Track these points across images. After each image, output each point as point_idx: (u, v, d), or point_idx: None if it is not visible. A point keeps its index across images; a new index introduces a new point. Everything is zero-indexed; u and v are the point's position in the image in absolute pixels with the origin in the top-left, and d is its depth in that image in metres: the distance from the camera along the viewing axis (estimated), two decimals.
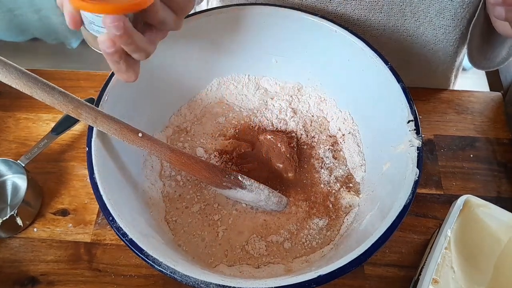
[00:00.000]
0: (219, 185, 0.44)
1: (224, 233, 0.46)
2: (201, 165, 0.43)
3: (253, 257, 0.44)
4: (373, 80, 0.46)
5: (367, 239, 0.34)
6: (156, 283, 0.47)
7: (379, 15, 0.53)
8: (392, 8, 0.52)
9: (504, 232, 0.40)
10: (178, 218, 0.47)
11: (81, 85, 0.64)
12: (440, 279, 0.38)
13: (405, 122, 0.41)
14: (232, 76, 0.56)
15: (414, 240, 0.50)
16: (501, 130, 0.60)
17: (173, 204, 0.48)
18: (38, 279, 0.48)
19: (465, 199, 0.42)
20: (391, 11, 0.52)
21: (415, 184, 0.37)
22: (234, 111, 0.55)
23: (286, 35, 0.51)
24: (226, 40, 0.52)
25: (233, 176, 0.44)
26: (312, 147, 0.52)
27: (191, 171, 0.43)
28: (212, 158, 0.51)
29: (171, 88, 0.52)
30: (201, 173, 0.43)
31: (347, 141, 0.51)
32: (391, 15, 0.53)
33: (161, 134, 0.52)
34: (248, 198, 0.45)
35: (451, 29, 0.54)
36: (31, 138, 0.59)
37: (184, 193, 0.49)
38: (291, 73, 0.55)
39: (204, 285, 0.32)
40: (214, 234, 0.46)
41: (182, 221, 0.47)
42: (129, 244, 0.34)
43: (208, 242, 0.45)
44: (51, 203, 0.53)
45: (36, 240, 0.50)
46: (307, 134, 0.53)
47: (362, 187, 0.48)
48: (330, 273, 0.32)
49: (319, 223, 0.46)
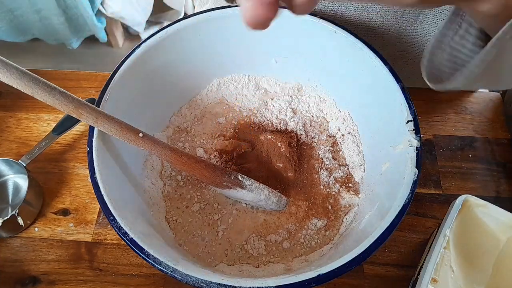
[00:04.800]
0: (219, 185, 0.44)
1: (224, 233, 0.46)
2: (201, 165, 0.43)
3: (252, 256, 0.45)
4: (373, 80, 0.46)
5: (366, 239, 0.34)
6: (157, 282, 0.48)
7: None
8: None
9: (503, 232, 0.40)
10: (179, 218, 0.47)
11: (81, 86, 0.64)
12: (439, 279, 0.38)
13: (404, 122, 0.41)
14: (232, 76, 0.56)
15: (413, 239, 0.50)
16: (500, 130, 0.60)
17: (174, 204, 0.48)
18: (39, 278, 0.48)
19: (464, 199, 0.42)
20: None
21: (414, 184, 0.37)
22: (234, 111, 0.55)
23: (286, 35, 0.51)
24: (226, 41, 0.52)
25: (233, 176, 0.44)
26: (312, 147, 0.52)
27: (191, 171, 0.43)
28: (212, 158, 0.51)
29: (171, 88, 0.52)
30: (202, 173, 0.43)
31: (346, 141, 0.52)
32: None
33: (162, 134, 0.52)
34: (248, 197, 0.45)
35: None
36: (32, 138, 0.59)
37: (185, 192, 0.49)
38: (291, 73, 0.56)
39: (204, 284, 0.32)
40: (214, 233, 0.46)
41: (182, 220, 0.47)
42: (130, 243, 0.34)
43: (208, 242, 0.46)
44: (52, 203, 0.53)
45: (37, 240, 0.51)
46: (307, 134, 0.53)
47: (362, 187, 0.48)
48: (330, 272, 0.33)
49: (317, 223, 0.46)
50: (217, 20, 0.49)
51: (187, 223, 0.47)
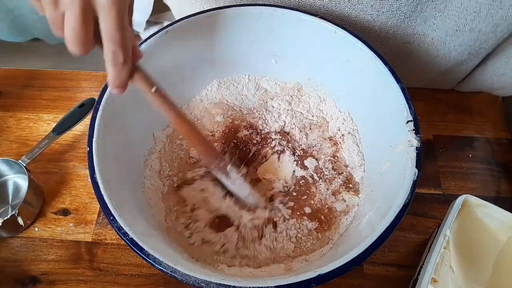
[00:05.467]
0: (209, 166, 0.45)
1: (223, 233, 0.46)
2: (201, 140, 0.44)
3: (253, 256, 0.45)
4: (373, 80, 0.46)
5: (367, 239, 0.34)
6: (157, 282, 0.48)
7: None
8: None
9: (503, 232, 0.41)
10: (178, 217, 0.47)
11: (82, 85, 0.64)
12: (439, 279, 0.38)
13: (404, 122, 0.41)
14: (232, 76, 0.56)
15: (413, 239, 0.50)
16: (500, 130, 0.60)
17: (173, 204, 0.48)
18: (39, 278, 0.48)
19: (464, 199, 0.42)
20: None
21: (414, 183, 0.37)
22: (234, 111, 0.55)
23: (286, 35, 0.51)
24: (226, 41, 0.52)
25: (224, 163, 0.45)
26: (311, 155, 0.52)
27: (190, 141, 0.44)
28: None
29: (171, 88, 0.52)
30: (198, 147, 0.45)
31: (346, 141, 0.52)
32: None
33: (162, 133, 0.52)
34: (230, 187, 0.47)
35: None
36: (32, 138, 0.59)
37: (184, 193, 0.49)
38: (291, 73, 0.56)
39: (204, 284, 0.32)
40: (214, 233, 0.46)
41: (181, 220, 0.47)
42: (130, 243, 0.34)
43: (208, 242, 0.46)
44: (52, 203, 0.53)
45: (37, 240, 0.51)
46: (307, 137, 0.53)
47: (362, 187, 0.48)
48: (330, 272, 0.33)
49: (308, 225, 0.46)
50: (217, 20, 0.49)
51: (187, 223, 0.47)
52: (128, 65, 0.34)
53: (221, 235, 0.45)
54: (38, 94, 0.62)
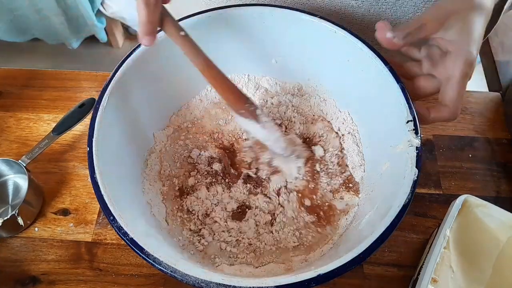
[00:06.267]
0: (237, 110, 0.45)
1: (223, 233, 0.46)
2: (229, 86, 0.44)
3: (253, 256, 0.45)
4: (373, 80, 0.46)
5: (366, 239, 0.34)
6: (157, 282, 0.48)
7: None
8: None
9: (503, 232, 0.41)
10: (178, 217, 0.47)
11: (81, 85, 0.64)
12: (439, 279, 0.38)
13: (404, 122, 0.41)
14: (232, 76, 0.56)
15: (413, 239, 0.51)
16: (500, 130, 0.60)
17: (172, 204, 0.48)
18: (39, 278, 0.48)
19: (464, 199, 0.42)
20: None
21: (414, 183, 0.37)
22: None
23: (286, 35, 0.51)
24: (226, 41, 0.52)
25: (253, 107, 0.45)
26: (319, 144, 0.52)
27: (217, 88, 0.43)
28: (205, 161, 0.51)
29: (171, 88, 0.52)
30: (226, 94, 0.44)
31: (346, 141, 0.52)
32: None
33: (162, 133, 0.52)
34: (259, 134, 0.46)
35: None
36: (32, 138, 0.59)
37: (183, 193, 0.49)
38: (291, 73, 0.56)
39: (204, 284, 0.32)
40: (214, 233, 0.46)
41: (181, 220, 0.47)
42: (130, 243, 0.34)
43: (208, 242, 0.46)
44: (52, 203, 0.53)
45: (37, 240, 0.51)
46: (308, 129, 0.53)
47: (362, 187, 0.48)
48: (330, 272, 0.33)
49: (309, 219, 0.47)
50: (217, 20, 0.49)
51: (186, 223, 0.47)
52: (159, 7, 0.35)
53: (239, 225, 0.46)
54: (38, 94, 0.62)
